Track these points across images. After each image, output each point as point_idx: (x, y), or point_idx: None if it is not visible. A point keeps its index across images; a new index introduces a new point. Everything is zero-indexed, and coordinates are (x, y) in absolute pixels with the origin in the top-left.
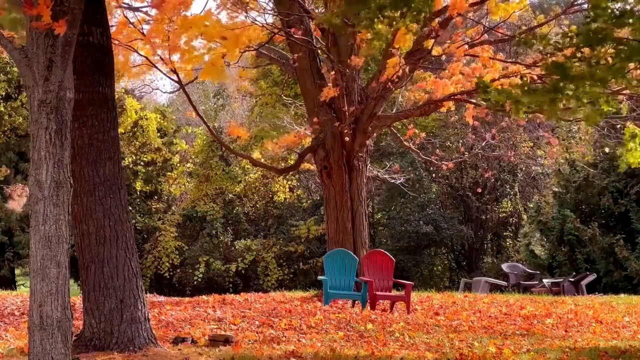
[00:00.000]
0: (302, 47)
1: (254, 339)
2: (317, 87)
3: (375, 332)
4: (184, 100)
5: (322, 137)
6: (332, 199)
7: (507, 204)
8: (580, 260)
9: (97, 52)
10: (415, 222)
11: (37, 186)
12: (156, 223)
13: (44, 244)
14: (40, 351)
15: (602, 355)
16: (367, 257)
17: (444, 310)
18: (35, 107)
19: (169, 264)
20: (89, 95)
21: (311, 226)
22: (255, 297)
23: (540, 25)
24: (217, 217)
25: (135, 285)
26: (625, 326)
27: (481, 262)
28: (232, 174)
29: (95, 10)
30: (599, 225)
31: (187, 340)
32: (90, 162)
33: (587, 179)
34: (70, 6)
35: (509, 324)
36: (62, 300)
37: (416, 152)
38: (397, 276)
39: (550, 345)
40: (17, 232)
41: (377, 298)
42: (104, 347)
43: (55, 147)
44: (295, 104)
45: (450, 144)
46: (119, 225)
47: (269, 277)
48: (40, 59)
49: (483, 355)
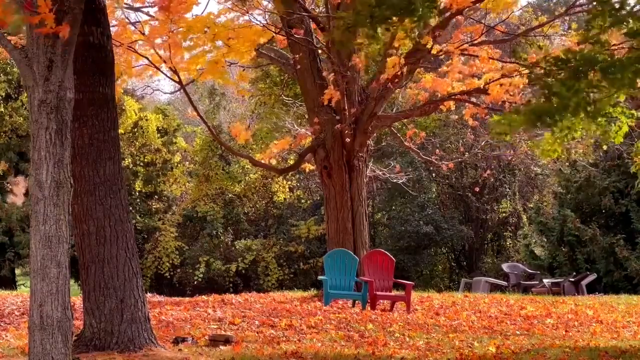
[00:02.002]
0: (302, 47)
1: (254, 339)
2: (317, 87)
3: (375, 332)
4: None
5: (322, 137)
6: (332, 199)
7: (506, 204)
8: (581, 260)
9: (98, 52)
10: (416, 222)
11: (38, 186)
12: (156, 223)
13: (44, 244)
14: (40, 351)
15: (602, 355)
16: (367, 257)
17: (444, 310)
18: (35, 107)
19: (169, 264)
20: (89, 95)
21: (311, 226)
22: (255, 297)
23: (540, 25)
24: (217, 217)
25: (135, 285)
26: (626, 326)
27: (481, 262)
28: (232, 174)
29: (95, 10)
30: (600, 225)
31: (187, 340)
32: (90, 162)
33: (587, 179)
34: (71, 6)
35: (509, 324)
36: (62, 300)
37: (416, 152)
38: (397, 276)
39: (550, 345)
40: (17, 232)
41: (377, 298)
42: (104, 347)
43: (56, 147)
44: (296, 104)
45: (450, 144)
46: (119, 225)
47: (269, 277)
48: (41, 59)
49: (483, 355)
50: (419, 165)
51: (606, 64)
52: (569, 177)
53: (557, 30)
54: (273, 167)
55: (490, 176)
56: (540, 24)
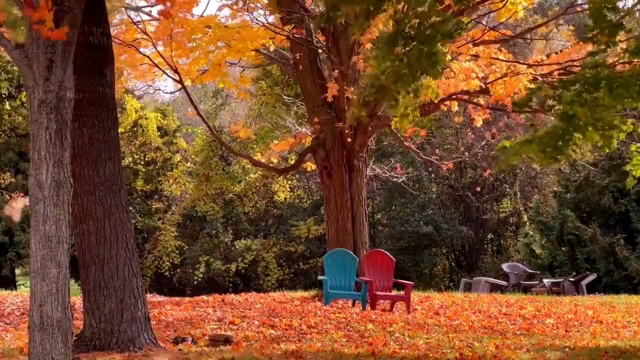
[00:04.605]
0: (303, 47)
1: (254, 339)
2: (318, 87)
3: (375, 332)
4: (184, 100)
5: (322, 137)
6: (332, 199)
7: (507, 203)
8: (581, 260)
9: (98, 52)
10: (415, 222)
11: (37, 186)
12: (156, 223)
13: (44, 244)
14: (40, 351)
15: (602, 355)
16: (367, 257)
17: (444, 310)
18: (35, 107)
19: (169, 264)
20: (89, 95)
21: (311, 226)
22: (255, 297)
23: (540, 25)
24: (217, 217)
25: (135, 285)
26: (626, 326)
27: (481, 262)
28: (232, 174)
29: (95, 10)
30: (599, 225)
31: (187, 340)
32: (90, 162)
33: (587, 178)
34: (71, 6)
35: (509, 324)
36: (62, 300)
37: (416, 152)
38: (397, 276)
39: (550, 345)
40: (17, 232)
41: (377, 298)
42: (104, 347)
43: (56, 147)
44: (296, 104)
45: (450, 144)
46: (119, 225)
47: (269, 277)
48: (41, 59)
49: (483, 355)
50: (419, 165)
51: (610, 83)
52: (568, 177)
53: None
54: (273, 167)
55: (490, 176)
56: (540, 24)
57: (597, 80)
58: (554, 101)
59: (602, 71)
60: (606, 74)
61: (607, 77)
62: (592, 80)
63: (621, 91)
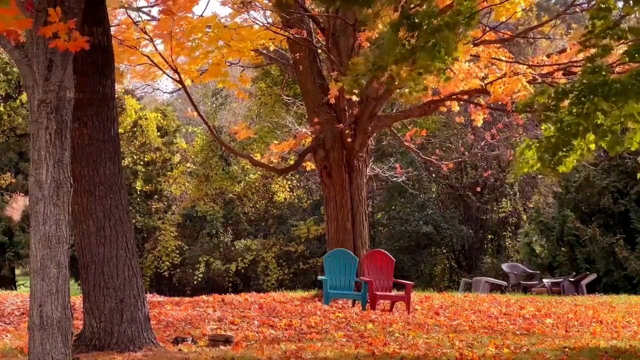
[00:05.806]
0: (303, 47)
1: (254, 339)
2: (318, 87)
3: (375, 332)
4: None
5: (322, 137)
6: (332, 199)
7: (506, 203)
8: (580, 260)
9: (98, 52)
10: (415, 222)
11: (37, 186)
12: (156, 223)
13: (44, 244)
14: (40, 351)
15: (602, 355)
16: (367, 257)
17: (444, 310)
18: (35, 107)
19: (169, 264)
20: (89, 95)
21: (311, 226)
22: (255, 297)
23: (540, 25)
24: (217, 217)
25: (135, 285)
26: (626, 326)
27: (481, 262)
28: (232, 174)
29: (95, 10)
30: (599, 225)
31: (187, 340)
32: (90, 162)
33: (587, 178)
34: (70, 6)
35: (509, 324)
36: (62, 300)
37: (416, 152)
38: (397, 276)
39: (550, 345)
40: (17, 232)
41: (377, 298)
42: (104, 347)
43: (55, 147)
44: (296, 103)
45: (450, 144)
46: (119, 225)
47: (269, 277)
48: (41, 59)
49: (483, 355)
50: (419, 165)
51: (607, 89)
52: (568, 177)
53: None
54: (273, 167)
55: (490, 176)
56: (540, 24)
57: (593, 87)
58: (550, 111)
59: (597, 78)
60: (601, 80)
61: (602, 84)
62: (588, 89)
63: (618, 97)
